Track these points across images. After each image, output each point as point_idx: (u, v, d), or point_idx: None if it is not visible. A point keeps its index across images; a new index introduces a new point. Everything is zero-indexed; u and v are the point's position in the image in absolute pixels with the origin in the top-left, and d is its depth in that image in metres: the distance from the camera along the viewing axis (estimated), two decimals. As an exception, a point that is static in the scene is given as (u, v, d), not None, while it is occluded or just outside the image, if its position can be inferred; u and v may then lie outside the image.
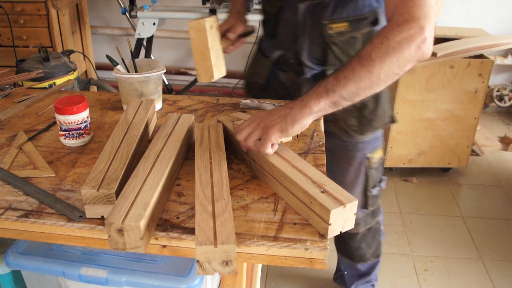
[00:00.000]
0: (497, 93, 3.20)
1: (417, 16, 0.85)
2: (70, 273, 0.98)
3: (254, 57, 1.35)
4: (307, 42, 1.16)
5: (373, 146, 1.29)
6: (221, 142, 0.95)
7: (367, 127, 1.23)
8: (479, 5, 3.01)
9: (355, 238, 1.48)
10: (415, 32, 0.84)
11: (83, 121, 1.03)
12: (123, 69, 1.22)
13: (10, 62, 2.50)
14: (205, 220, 0.73)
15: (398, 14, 0.87)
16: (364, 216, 1.41)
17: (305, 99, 0.86)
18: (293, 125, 0.86)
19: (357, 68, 0.84)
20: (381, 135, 1.32)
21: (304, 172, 0.83)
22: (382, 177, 1.38)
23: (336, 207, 0.73)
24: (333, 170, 1.34)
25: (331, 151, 1.29)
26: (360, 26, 1.11)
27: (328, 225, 0.74)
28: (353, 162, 1.30)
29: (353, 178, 1.33)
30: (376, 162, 1.32)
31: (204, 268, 0.69)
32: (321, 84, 0.87)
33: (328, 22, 1.11)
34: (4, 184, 0.90)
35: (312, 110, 0.85)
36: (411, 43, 0.85)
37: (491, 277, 1.87)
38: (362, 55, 0.85)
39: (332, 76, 0.86)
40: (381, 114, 1.22)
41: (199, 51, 1.05)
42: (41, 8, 2.56)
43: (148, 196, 0.76)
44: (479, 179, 2.55)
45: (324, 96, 0.85)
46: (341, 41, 1.12)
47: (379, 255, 1.56)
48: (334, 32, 1.11)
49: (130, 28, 3.13)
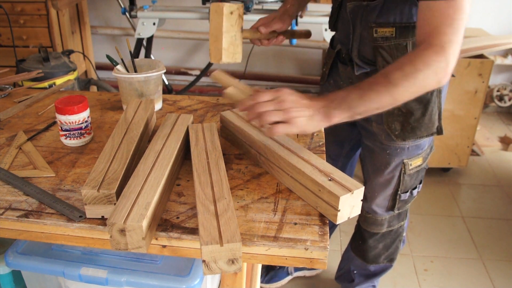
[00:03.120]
0: (497, 93, 3.20)
1: (448, 51, 0.90)
2: (70, 273, 0.98)
3: (328, 49, 1.39)
4: (357, 42, 1.18)
5: (412, 153, 1.26)
6: (217, 142, 0.96)
7: (409, 134, 1.21)
8: (479, 5, 3.01)
9: (375, 237, 1.47)
10: (442, 67, 0.90)
11: (84, 121, 1.03)
12: (123, 69, 1.22)
13: (10, 62, 2.50)
14: (208, 220, 0.73)
15: (429, 43, 0.91)
16: (389, 217, 1.41)
17: (329, 111, 0.89)
18: (314, 129, 0.90)
19: (382, 92, 0.90)
20: (428, 144, 1.29)
21: (310, 162, 0.87)
22: (417, 184, 1.36)
23: (344, 193, 0.77)
24: (367, 169, 1.37)
25: (370, 150, 1.32)
26: (407, 34, 1.10)
27: (337, 211, 0.78)
28: (388, 165, 1.29)
29: (385, 180, 1.32)
30: (412, 169, 1.29)
31: (210, 268, 0.69)
32: (345, 98, 0.90)
33: (375, 25, 1.11)
34: (4, 184, 0.90)
35: (332, 122, 0.90)
36: (435, 77, 0.91)
37: (491, 277, 1.87)
38: (391, 79, 0.90)
39: (357, 93, 0.90)
40: (427, 124, 1.20)
41: (214, 33, 1.10)
42: (41, 8, 2.56)
43: (150, 196, 0.76)
44: (479, 179, 2.55)
45: (346, 112, 0.90)
46: (388, 46, 1.12)
47: (393, 260, 1.54)
48: (379, 36, 1.11)
49: (130, 28, 3.13)
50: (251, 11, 2.36)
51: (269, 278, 1.82)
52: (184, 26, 3.22)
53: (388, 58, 1.13)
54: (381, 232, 1.45)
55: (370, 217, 1.42)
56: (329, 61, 1.35)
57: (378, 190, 1.35)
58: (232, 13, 1.08)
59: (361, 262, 1.57)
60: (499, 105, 3.23)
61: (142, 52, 2.69)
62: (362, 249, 1.54)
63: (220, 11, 1.06)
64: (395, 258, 1.55)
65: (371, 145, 1.31)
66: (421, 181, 1.36)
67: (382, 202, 1.36)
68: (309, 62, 3.32)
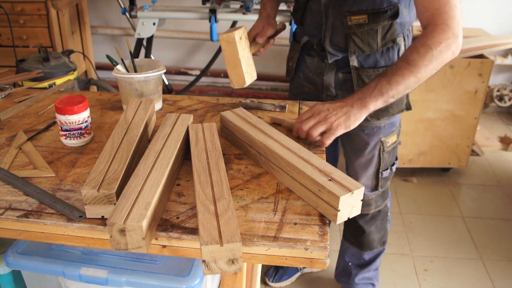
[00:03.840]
0: (497, 93, 3.20)
1: (452, 26, 1.04)
2: (70, 273, 0.98)
3: (291, 43, 1.47)
4: (329, 31, 1.25)
5: (388, 131, 1.36)
6: (217, 142, 0.96)
7: (383, 113, 1.30)
8: (479, 5, 3.01)
9: (365, 219, 1.52)
10: (452, 41, 1.04)
11: (84, 121, 1.03)
12: (123, 69, 1.22)
13: (10, 62, 2.50)
14: (208, 220, 0.73)
15: (434, 24, 1.05)
16: (375, 197, 1.47)
17: (363, 101, 1.03)
18: (355, 122, 1.03)
19: (406, 74, 1.03)
20: (398, 121, 1.39)
21: (310, 162, 0.87)
22: (394, 161, 1.45)
23: (344, 193, 0.78)
24: (348, 152, 1.45)
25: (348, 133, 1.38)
26: (379, 19, 1.19)
27: (337, 211, 0.78)
28: (367, 145, 1.37)
29: (366, 160, 1.40)
30: (389, 146, 1.38)
31: (210, 268, 0.69)
32: (375, 87, 1.04)
33: (348, 13, 1.19)
34: (4, 184, 0.90)
35: (369, 109, 1.04)
36: (448, 51, 1.05)
37: (491, 277, 1.87)
38: (410, 62, 1.04)
39: (385, 79, 1.04)
40: (397, 101, 1.27)
41: (231, 61, 1.15)
42: (41, 8, 2.56)
43: (150, 196, 0.76)
44: (479, 179, 2.55)
45: (379, 98, 1.04)
46: (360, 32, 1.21)
47: (385, 242, 1.60)
48: (353, 23, 1.20)
49: (130, 28, 3.13)
50: (251, 11, 2.37)
51: (279, 276, 1.83)
52: (184, 26, 3.22)
53: (359, 44, 1.22)
54: (370, 213, 1.50)
55: None
56: (295, 56, 1.42)
57: (360, 171, 1.43)
58: (241, 37, 1.14)
59: (356, 251, 1.60)
60: (499, 105, 3.23)
61: (142, 52, 2.69)
62: (355, 234, 1.58)
63: (232, 40, 1.11)
64: (386, 240, 1.61)
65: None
66: (396, 157, 1.47)
67: (366, 182, 1.44)
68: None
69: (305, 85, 1.42)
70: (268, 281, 1.82)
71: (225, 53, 1.15)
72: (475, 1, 3.00)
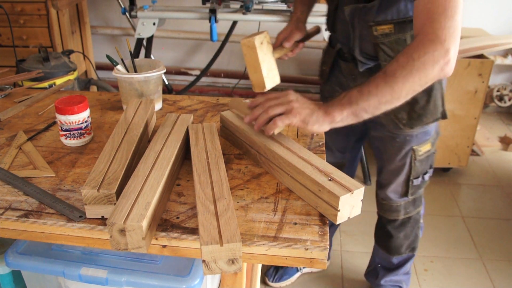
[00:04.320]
0: (497, 93, 3.20)
1: (443, 38, 0.90)
2: (70, 273, 0.98)
3: (326, 47, 1.43)
4: (357, 40, 1.22)
5: (421, 139, 1.31)
6: (217, 142, 0.96)
7: (416, 122, 1.25)
8: (479, 5, 3.01)
9: (394, 225, 1.50)
10: (440, 54, 0.89)
11: (84, 121, 1.03)
12: (123, 69, 1.22)
13: (10, 62, 2.49)
14: (208, 220, 0.73)
15: (424, 33, 0.92)
16: (404, 203, 1.45)
17: (330, 108, 0.92)
18: (313, 124, 0.91)
19: (380, 84, 0.91)
20: (434, 129, 1.34)
21: (310, 162, 0.87)
22: (428, 169, 1.40)
23: (344, 193, 0.78)
24: (379, 157, 1.43)
25: (379, 140, 1.38)
26: (406, 28, 1.13)
27: (337, 211, 0.78)
28: (399, 152, 1.34)
29: (397, 166, 1.37)
30: (422, 155, 1.34)
31: (210, 268, 0.69)
32: (345, 96, 0.93)
33: (374, 23, 1.14)
34: (4, 184, 0.90)
35: (334, 119, 0.92)
36: (434, 65, 0.90)
37: (491, 277, 1.87)
38: (387, 72, 0.91)
39: (356, 89, 0.92)
40: (432, 110, 1.24)
41: (252, 65, 1.14)
42: (41, 8, 2.55)
43: (149, 196, 0.76)
44: (479, 179, 2.55)
45: (347, 107, 0.91)
46: (389, 41, 1.15)
47: (415, 248, 1.58)
48: (379, 33, 1.14)
49: (130, 28, 3.13)
50: (251, 11, 2.36)
51: (279, 276, 1.83)
52: (184, 26, 3.22)
53: (389, 52, 1.16)
54: (399, 219, 1.48)
55: (386, 203, 1.47)
56: (329, 60, 1.39)
57: (391, 177, 1.40)
58: (262, 42, 1.12)
59: (384, 254, 1.60)
60: (499, 105, 3.23)
61: (142, 52, 2.69)
62: (383, 239, 1.57)
63: (253, 45, 1.10)
64: (416, 246, 1.58)
65: (380, 135, 1.36)
66: (431, 166, 1.40)
67: (396, 188, 1.41)
68: (309, 62, 3.32)
69: (336, 90, 1.40)
70: (268, 281, 1.82)
71: (246, 57, 1.14)
72: (475, 1, 3.00)
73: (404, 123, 1.25)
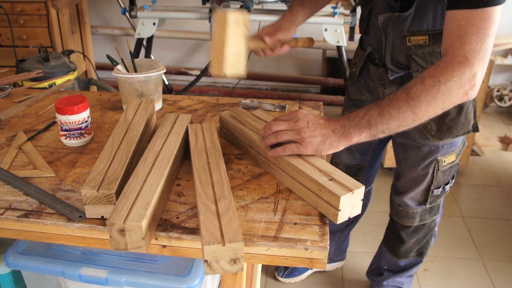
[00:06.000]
0: (497, 93, 3.20)
1: (472, 62, 0.85)
2: (70, 273, 0.98)
3: (357, 49, 1.38)
4: (389, 49, 1.17)
5: (446, 150, 1.26)
6: (216, 142, 0.96)
7: (446, 134, 1.20)
8: (479, 5, 3.01)
9: (407, 231, 1.47)
10: (467, 78, 0.86)
11: (84, 121, 1.03)
12: (123, 69, 1.22)
13: (10, 62, 2.49)
14: (210, 220, 0.73)
15: (453, 54, 0.87)
16: (421, 211, 1.41)
17: (347, 130, 0.87)
18: (329, 149, 0.88)
19: (403, 108, 0.86)
20: (461, 141, 1.29)
21: (310, 162, 0.87)
22: (450, 180, 1.36)
23: (345, 193, 0.78)
24: (401, 164, 1.37)
25: (403, 147, 1.32)
26: (441, 40, 1.06)
27: (338, 211, 0.78)
28: (422, 162, 1.29)
29: (419, 175, 1.32)
30: (445, 165, 1.30)
31: (212, 268, 0.69)
32: (363, 116, 0.88)
33: (408, 34, 1.10)
34: (4, 184, 0.90)
35: (351, 141, 0.88)
36: (460, 89, 0.86)
37: (491, 277, 1.87)
38: (411, 94, 0.86)
39: (376, 110, 0.87)
40: (463, 122, 1.19)
41: (217, 43, 1.01)
42: (41, 8, 2.56)
43: (149, 196, 0.76)
44: (479, 179, 2.55)
45: (366, 130, 0.87)
46: (422, 53, 1.11)
47: (423, 254, 1.54)
48: (413, 44, 1.10)
49: (130, 28, 3.13)
50: (251, 11, 2.36)
51: (288, 272, 1.81)
52: (184, 26, 3.22)
53: (422, 64, 1.12)
54: (413, 226, 1.45)
55: (402, 209, 1.42)
56: (359, 62, 1.34)
57: (411, 185, 1.36)
58: (237, 23, 1.00)
59: (391, 258, 1.57)
60: (499, 105, 3.23)
61: (142, 52, 2.69)
62: (394, 243, 1.53)
63: (224, 20, 0.98)
64: (425, 252, 1.54)
65: (404, 142, 1.31)
66: (453, 176, 1.36)
67: (415, 196, 1.37)
68: (309, 62, 3.32)
69: (363, 93, 1.36)
70: (278, 275, 1.81)
71: (214, 33, 1.01)
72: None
73: (433, 134, 1.20)
